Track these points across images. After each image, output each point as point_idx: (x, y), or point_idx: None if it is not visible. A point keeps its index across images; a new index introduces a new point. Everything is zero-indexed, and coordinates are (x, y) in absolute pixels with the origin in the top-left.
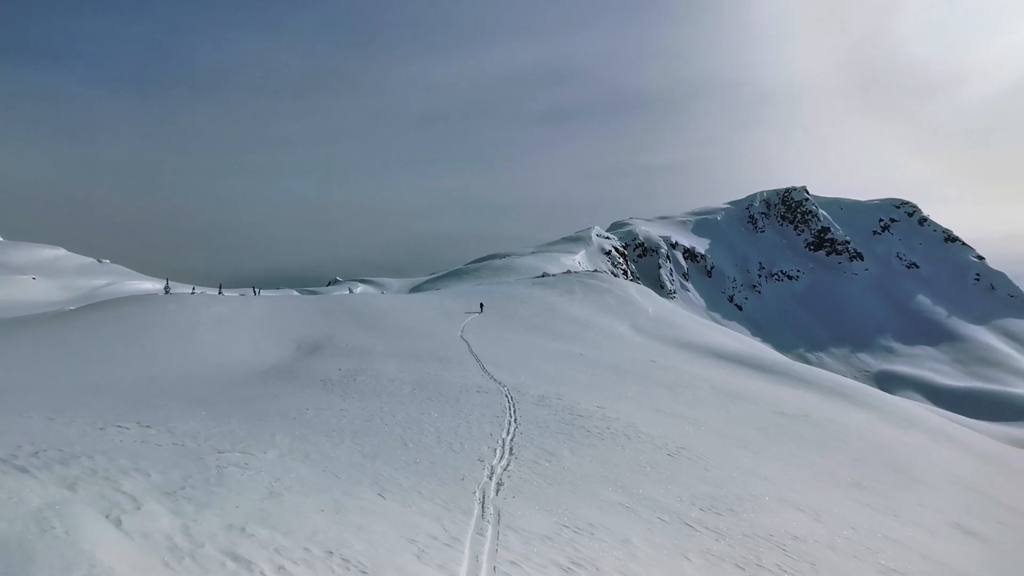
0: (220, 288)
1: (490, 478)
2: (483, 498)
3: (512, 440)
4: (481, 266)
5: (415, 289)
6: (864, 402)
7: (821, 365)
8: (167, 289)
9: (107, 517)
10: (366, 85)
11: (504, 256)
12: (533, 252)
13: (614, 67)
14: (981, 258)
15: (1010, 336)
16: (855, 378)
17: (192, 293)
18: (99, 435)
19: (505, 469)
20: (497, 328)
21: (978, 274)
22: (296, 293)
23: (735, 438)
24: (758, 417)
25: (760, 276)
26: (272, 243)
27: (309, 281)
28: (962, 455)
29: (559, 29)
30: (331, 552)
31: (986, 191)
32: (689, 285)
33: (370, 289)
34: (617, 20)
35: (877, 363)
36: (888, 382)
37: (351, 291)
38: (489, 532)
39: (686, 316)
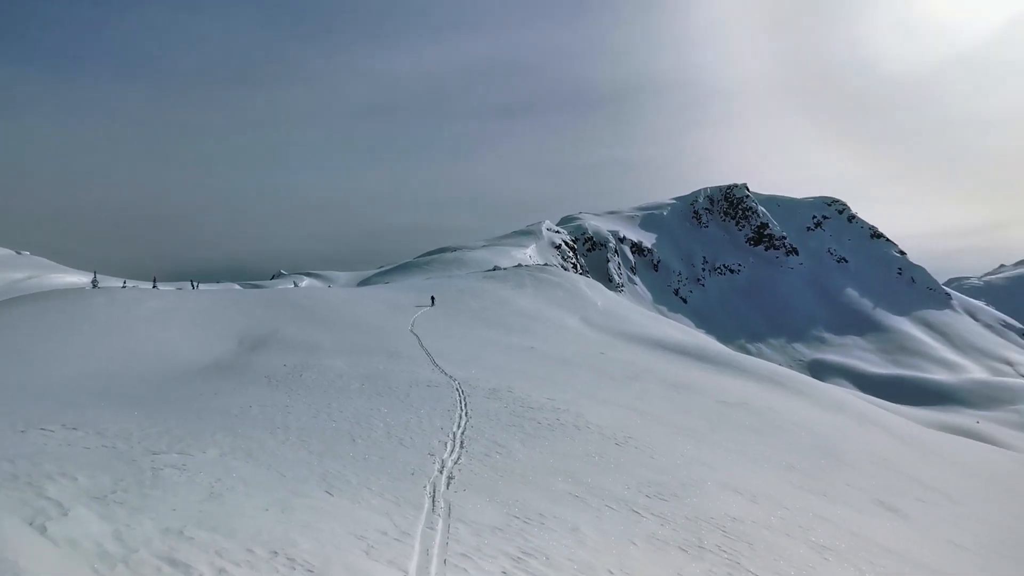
0: (154, 282)
1: (440, 472)
2: (433, 492)
3: (463, 433)
4: (431, 259)
5: (364, 283)
6: (798, 390)
7: (760, 355)
8: (95, 283)
9: (31, 524)
10: (313, 75)
11: (455, 249)
12: (484, 245)
13: (565, 63)
14: (903, 253)
15: (928, 326)
16: (791, 367)
17: (123, 287)
18: (20, 438)
19: (456, 463)
20: (448, 322)
21: (900, 268)
22: (238, 287)
23: (679, 427)
24: (701, 406)
25: (704, 270)
26: (211, 235)
27: (252, 274)
28: (885, 437)
29: (511, 23)
30: (276, 552)
31: (908, 192)
32: (636, 279)
33: (316, 283)
34: (567, 16)
35: (811, 352)
36: (820, 370)
37: (296, 285)
38: (439, 525)
39: (634, 309)
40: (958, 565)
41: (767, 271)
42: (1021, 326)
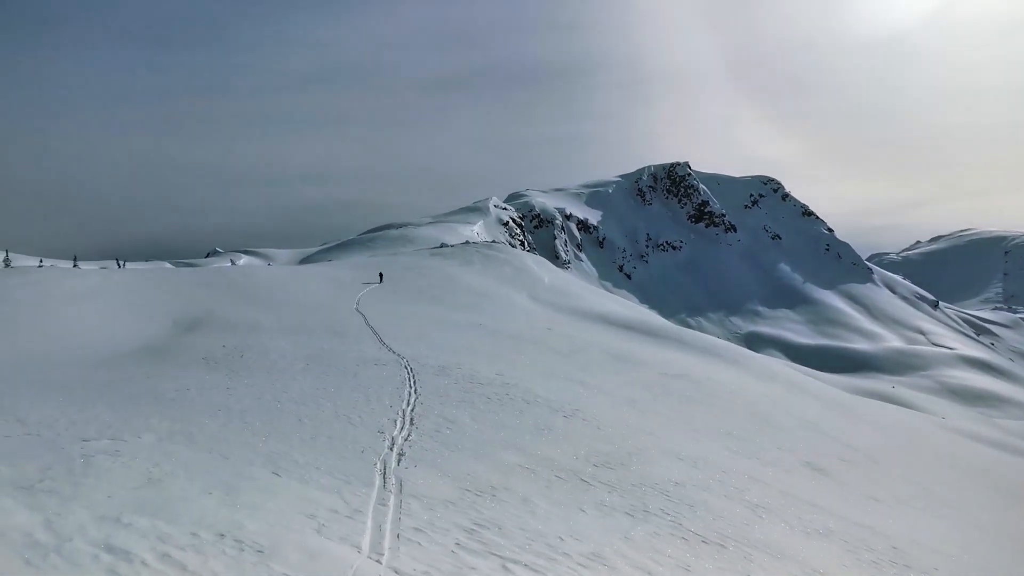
0: (75, 261)
1: (391, 449)
2: (384, 469)
3: (412, 411)
4: (376, 236)
5: (305, 260)
6: (735, 361)
7: (700, 328)
8: (7, 262)
9: None
10: (242, 39)
11: (400, 226)
12: (430, 222)
13: (512, 36)
14: (831, 231)
15: (852, 299)
16: (728, 339)
17: (39, 266)
18: None
19: (406, 439)
20: (394, 300)
21: (828, 245)
22: (169, 266)
23: (624, 398)
24: (645, 378)
25: (647, 247)
26: (137, 210)
27: (184, 252)
28: (812, 403)
29: None
30: (223, 535)
31: (836, 172)
32: (583, 255)
33: (255, 260)
34: None
35: (746, 325)
36: (755, 342)
37: (233, 263)
38: (392, 502)
39: (580, 285)
40: (874, 516)
41: (707, 247)
42: (933, 298)
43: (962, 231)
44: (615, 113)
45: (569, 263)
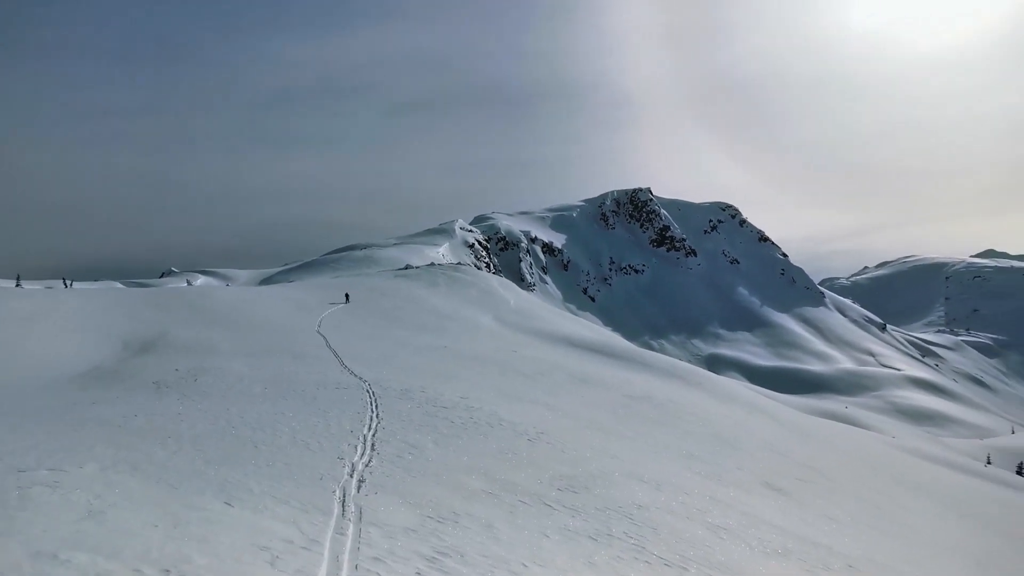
0: (18, 280)
1: (351, 475)
2: (344, 497)
3: (374, 436)
4: (340, 257)
5: (266, 281)
6: (696, 382)
7: (662, 351)
8: None
9: None
10: (209, 57)
11: (365, 247)
12: (395, 244)
13: (478, 62)
14: (785, 256)
15: (806, 322)
16: (689, 361)
17: None
18: None
19: (367, 465)
20: (358, 322)
21: (783, 269)
22: (120, 286)
23: (588, 420)
24: (609, 400)
25: (611, 270)
26: (90, 228)
27: (137, 272)
28: (770, 424)
29: (424, 18)
30: (168, 571)
31: (790, 199)
32: (547, 278)
33: (213, 281)
34: (482, 15)
35: (707, 347)
36: (716, 364)
37: (190, 283)
38: (350, 530)
39: (545, 307)
40: (830, 535)
41: (668, 271)
42: (881, 321)
43: (906, 257)
44: (580, 138)
45: (534, 285)
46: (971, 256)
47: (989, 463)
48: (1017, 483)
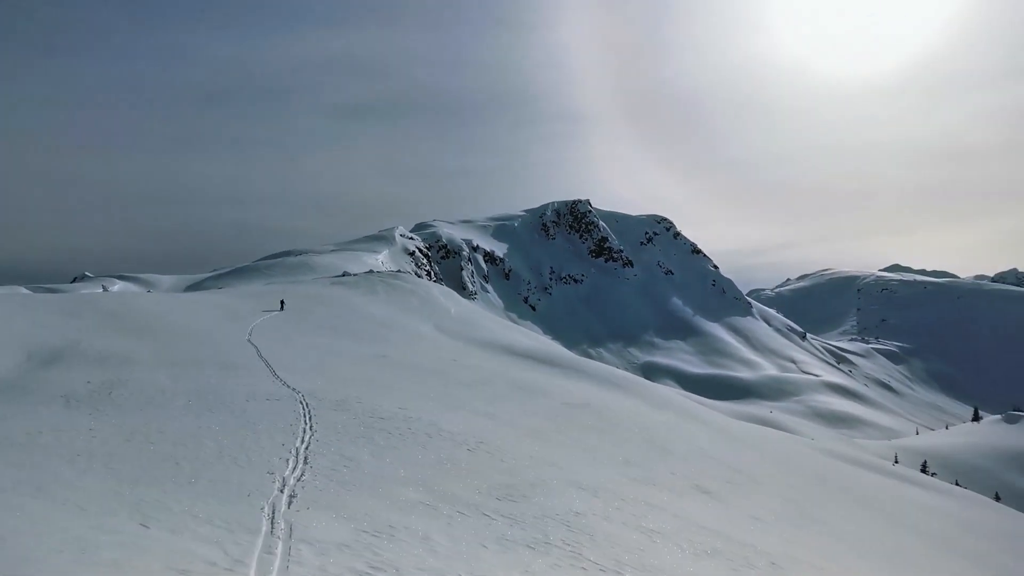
0: None
1: (281, 491)
2: (273, 513)
3: (307, 449)
4: (273, 263)
5: (192, 287)
6: (632, 390)
7: (600, 359)
8: None
9: None
10: (127, 48)
11: (300, 253)
12: (333, 250)
13: (422, 69)
14: (716, 267)
15: (735, 331)
16: (626, 369)
17: None
18: None
19: (299, 480)
20: (291, 331)
21: (714, 281)
22: (26, 291)
23: (528, 429)
24: (548, 408)
25: (551, 279)
26: None
27: (45, 277)
28: (702, 429)
29: (365, 22)
30: None
31: (719, 214)
32: (489, 287)
33: (133, 287)
34: (427, 24)
35: (643, 355)
36: (651, 371)
37: (106, 289)
38: (279, 549)
39: (486, 316)
40: (755, 534)
41: (606, 281)
42: (801, 330)
43: (823, 271)
44: (522, 149)
45: (476, 294)
46: (880, 270)
47: (896, 462)
48: (922, 481)
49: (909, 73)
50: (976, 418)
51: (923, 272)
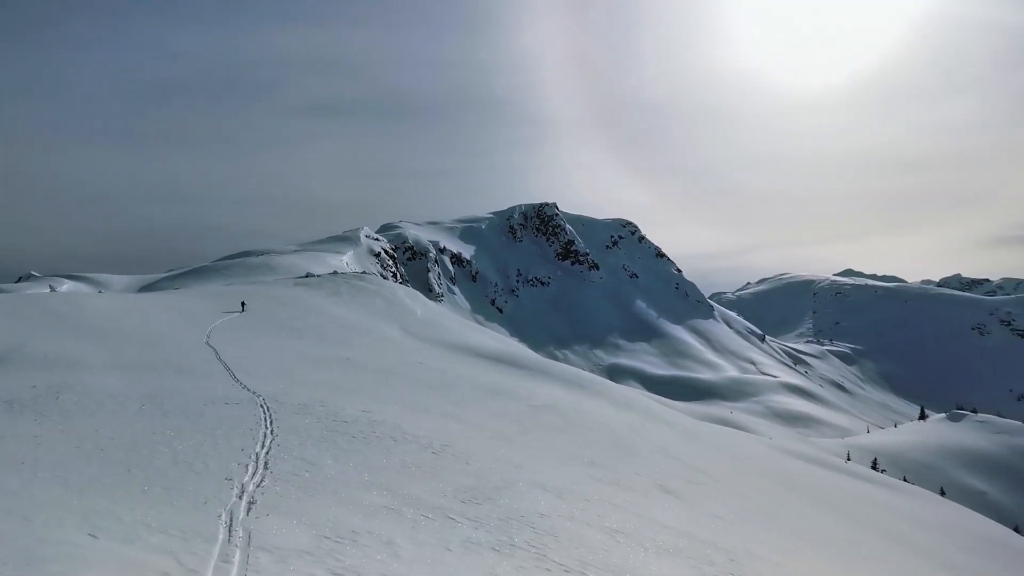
0: None
1: (240, 497)
2: (231, 521)
3: (267, 454)
4: (233, 264)
5: (146, 288)
6: (597, 391)
7: (566, 361)
8: None
9: None
10: (71, 32)
11: (261, 253)
12: (296, 251)
13: (388, 69)
14: (679, 271)
15: (697, 333)
16: (591, 371)
17: None
18: None
19: (258, 486)
20: (252, 333)
21: (677, 284)
22: None
23: (494, 431)
24: (514, 410)
25: (518, 282)
26: None
27: None
28: (665, 430)
29: (329, 20)
30: None
31: (683, 218)
32: (456, 289)
33: (83, 287)
34: (393, 24)
35: (608, 357)
36: (616, 373)
37: (53, 289)
38: (236, 557)
39: (453, 318)
40: (716, 532)
41: (573, 284)
42: (760, 333)
43: (781, 275)
44: (489, 151)
45: (442, 296)
46: (834, 275)
47: (849, 460)
48: (872, 477)
49: (861, 86)
50: (922, 417)
51: (874, 277)
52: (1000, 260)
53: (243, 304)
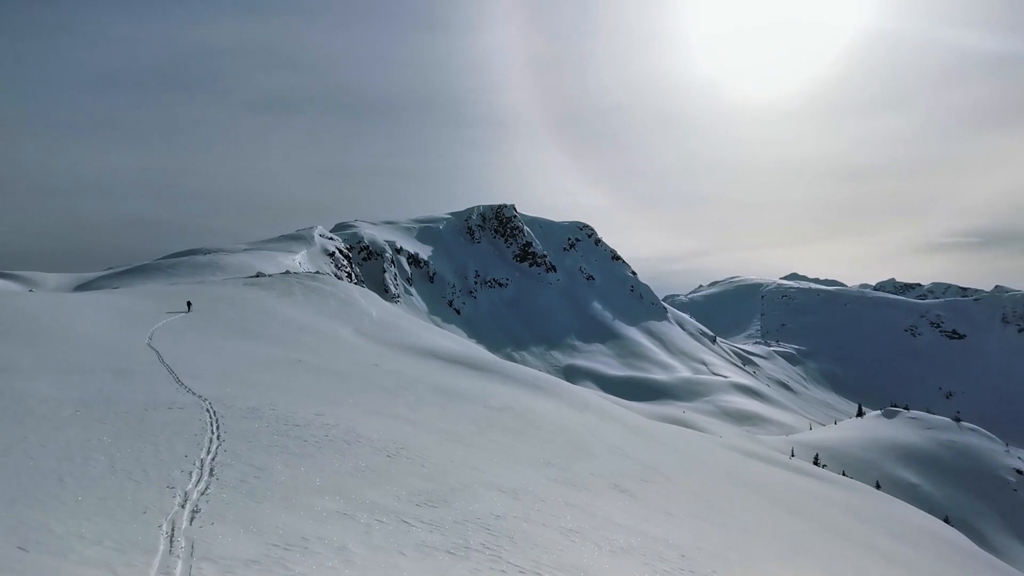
0: None
1: (183, 506)
2: (172, 531)
3: (213, 460)
4: (179, 262)
5: (83, 287)
6: (554, 392)
7: (524, 362)
8: None
9: None
10: (14, 19)
11: (209, 252)
12: (246, 249)
13: (344, 66)
14: (635, 274)
15: (652, 334)
16: (548, 372)
17: None
18: None
19: (203, 493)
20: (198, 334)
21: (632, 286)
22: None
23: (450, 433)
24: (471, 412)
25: (476, 283)
26: None
27: None
28: (619, 429)
29: (282, 12)
30: None
31: (638, 222)
32: (412, 290)
33: (12, 285)
34: (349, 18)
35: (565, 358)
36: (572, 374)
37: None
38: (178, 569)
39: (409, 320)
40: (668, 529)
41: (530, 285)
42: (712, 334)
43: (731, 278)
44: (447, 152)
45: (399, 297)
46: (780, 279)
47: (793, 456)
48: (814, 472)
49: (807, 99)
50: (860, 414)
51: (817, 280)
52: (931, 266)
53: (189, 304)
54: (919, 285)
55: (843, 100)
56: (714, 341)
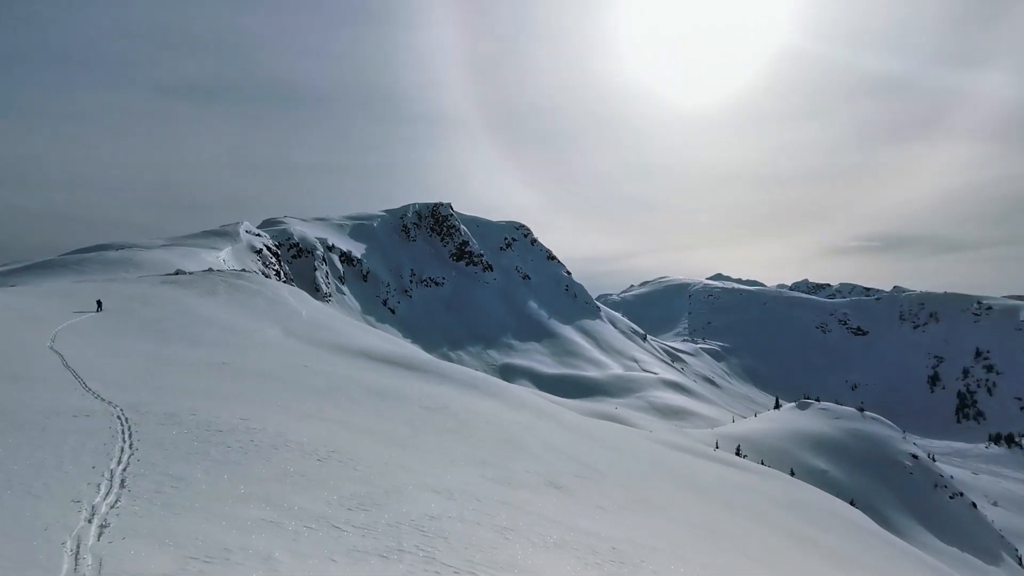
0: None
1: (89, 521)
2: (77, 548)
3: (124, 470)
4: (86, 258)
5: None
6: (490, 392)
7: (460, 362)
8: None
9: None
10: None
11: (122, 247)
12: (164, 245)
13: (273, 54)
14: (569, 273)
15: (585, 333)
16: (485, 371)
17: None
18: None
19: (112, 506)
20: (109, 336)
21: (567, 286)
22: None
23: (385, 435)
24: (406, 413)
25: (411, 282)
26: None
27: None
28: (555, 427)
29: None
30: None
31: (572, 223)
32: (345, 288)
33: None
34: (279, 5)
35: (501, 357)
36: (509, 373)
37: None
38: None
39: (341, 319)
40: (600, 524)
41: (467, 285)
42: (643, 332)
43: (661, 278)
44: (382, 148)
45: (330, 296)
46: (706, 279)
47: (717, 448)
48: (736, 463)
49: (733, 108)
50: (777, 406)
51: (739, 281)
52: (840, 267)
53: (99, 303)
54: (829, 285)
55: (767, 110)
56: (644, 339)
